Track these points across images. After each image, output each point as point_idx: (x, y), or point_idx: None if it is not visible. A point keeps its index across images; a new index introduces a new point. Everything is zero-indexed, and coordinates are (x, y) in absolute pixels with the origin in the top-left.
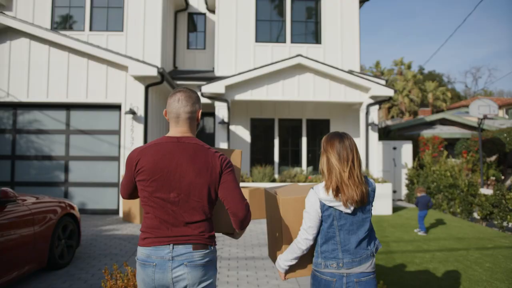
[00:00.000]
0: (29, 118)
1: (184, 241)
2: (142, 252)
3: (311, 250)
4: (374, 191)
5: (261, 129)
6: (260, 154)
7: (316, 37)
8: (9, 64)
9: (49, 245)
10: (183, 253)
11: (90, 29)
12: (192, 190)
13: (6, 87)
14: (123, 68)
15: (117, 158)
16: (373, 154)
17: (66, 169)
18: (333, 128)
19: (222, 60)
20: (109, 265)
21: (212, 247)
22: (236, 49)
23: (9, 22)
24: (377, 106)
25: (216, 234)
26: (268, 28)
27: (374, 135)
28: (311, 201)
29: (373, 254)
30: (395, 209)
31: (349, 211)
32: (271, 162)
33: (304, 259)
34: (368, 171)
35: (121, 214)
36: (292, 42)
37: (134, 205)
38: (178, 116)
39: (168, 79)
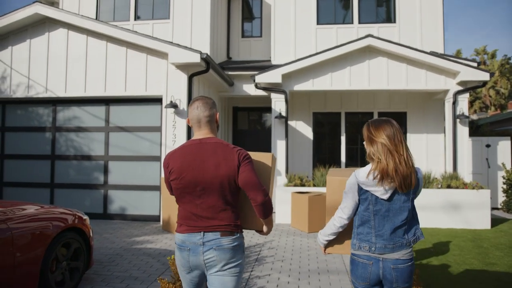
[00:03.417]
0: (68, 115)
1: (212, 229)
2: (178, 238)
3: (349, 230)
4: (418, 180)
5: (325, 125)
6: (324, 154)
7: (388, 15)
8: (48, 57)
9: (40, 269)
10: (212, 239)
11: (135, 19)
12: (214, 182)
13: (45, 81)
14: (164, 55)
15: (158, 158)
16: (463, 153)
17: (105, 170)
18: (410, 123)
19: (279, 47)
20: None
21: (238, 234)
22: (295, 34)
23: (46, 12)
24: (467, 95)
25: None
26: (331, 7)
27: (463, 130)
28: (350, 183)
29: (410, 243)
30: (494, 221)
31: (385, 197)
32: (337, 162)
33: (343, 237)
34: (457, 174)
35: (161, 222)
36: (360, 22)
37: (174, 213)
38: (199, 121)
39: (215, 67)
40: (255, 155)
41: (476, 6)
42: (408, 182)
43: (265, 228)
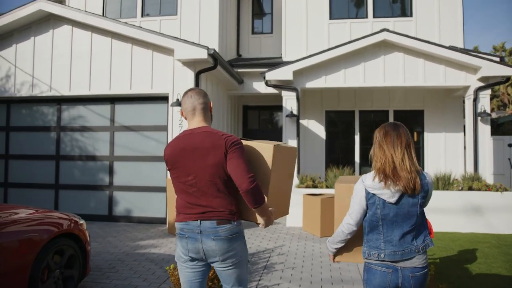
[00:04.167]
0: (73, 114)
1: (208, 218)
2: (177, 226)
3: (358, 237)
4: (427, 185)
5: (338, 124)
6: (337, 154)
7: (405, 9)
8: (52, 55)
9: (29, 279)
10: (209, 227)
11: (142, 15)
12: (204, 171)
13: (49, 80)
14: (170, 52)
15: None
16: (485, 152)
17: (110, 171)
18: (428, 121)
19: (290, 43)
20: None
21: (234, 222)
22: (306, 29)
23: (50, 8)
24: (488, 91)
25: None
26: (345, 1)
27: (485, 129)
28: (357, 188)
29: (419, 250)
30: None
31: (392, 200)
32: (351, 162)
33: (352, 245)
34: (478, 175)
35: (167, 225)
36: (375, 16)
37: None
38: (194, 108)
39: (223, 64)
40: (256, 145)
41: (487, 5)
42: (411, 186)
43: (260, 220)
